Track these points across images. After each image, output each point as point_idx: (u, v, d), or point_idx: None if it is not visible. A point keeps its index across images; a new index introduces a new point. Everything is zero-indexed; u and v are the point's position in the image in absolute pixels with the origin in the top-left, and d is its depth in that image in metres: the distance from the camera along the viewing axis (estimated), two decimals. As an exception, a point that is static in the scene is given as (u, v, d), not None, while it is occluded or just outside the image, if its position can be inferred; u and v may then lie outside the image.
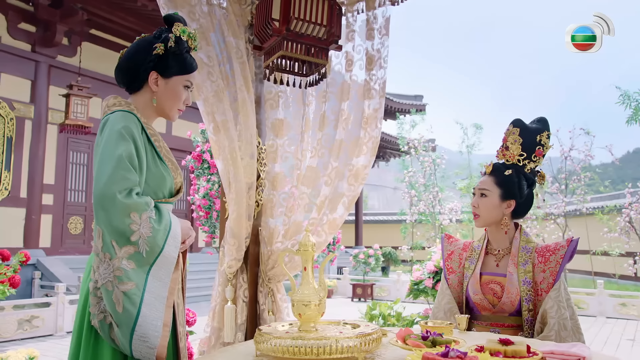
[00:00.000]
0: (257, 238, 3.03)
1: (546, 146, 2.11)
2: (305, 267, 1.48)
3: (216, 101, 2.70)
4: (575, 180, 12.69)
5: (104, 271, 1.53)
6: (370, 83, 2.96)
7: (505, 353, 1.23)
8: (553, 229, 13.06)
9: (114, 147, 1.60)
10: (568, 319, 1.90)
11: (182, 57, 1.85)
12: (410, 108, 17.21)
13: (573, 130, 12.38)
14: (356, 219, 23.05)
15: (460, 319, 1.79)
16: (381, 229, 25.82)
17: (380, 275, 17.09)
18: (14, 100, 9.42)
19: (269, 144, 3.01)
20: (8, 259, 6.30)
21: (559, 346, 1.43)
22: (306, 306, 1.43)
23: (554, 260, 2.00)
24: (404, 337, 1.38)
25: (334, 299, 12.43)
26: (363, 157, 2.91)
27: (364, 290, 11.97)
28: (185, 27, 1.86)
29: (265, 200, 3.00)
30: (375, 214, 28.95)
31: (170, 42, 1.79)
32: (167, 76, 1.83)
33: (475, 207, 2.13)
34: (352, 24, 3.10)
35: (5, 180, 9.22)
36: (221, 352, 1.57)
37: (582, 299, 10.34)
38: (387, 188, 49.33)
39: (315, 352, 1.28)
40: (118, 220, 1.53)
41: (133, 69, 1.82)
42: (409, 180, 14.44)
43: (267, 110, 3.02)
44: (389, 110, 17.43)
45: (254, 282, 3.01)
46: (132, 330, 1.50)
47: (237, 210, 2.81)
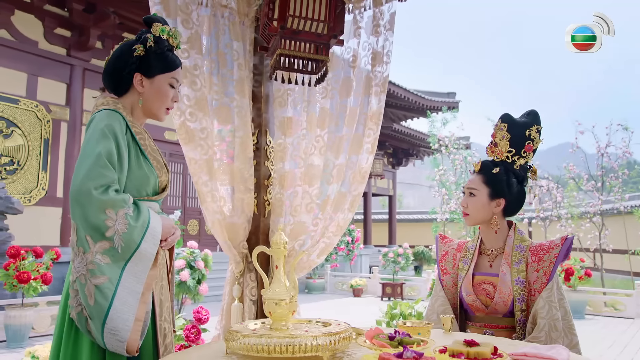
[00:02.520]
0: (267, 237, 3.05)
1: (536, 141, 2.04)
2: (277, 265, 1.48)
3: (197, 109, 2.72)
4: (613, 178, 12.24)
5: (78, 265, 1.58)
6: (373, 80, 2.95)
7: (468, 354, 1.20)
8: (589, 228, 12.63)
9: (94, 145, 1.65)
10: (559, 320, 1.84)
11: (163, 56, 1.87)
12: (442, 105, 16.98)
13: (610, 126, 11.94)
14: (389, 217, 22.91)
15: (444, 319, 1.76)
16: (415, 228, 25.60)
17: (412, 274, 16.94)
18: (50, 103, 9.73)
19: (277, 143, 3.03)
20: (41, 256, 6.54)
21: (537, 348, 1.40)
22: (277, 304, 1.43)
23: (547, 259, 1.94)
24: (372, 337, 1.37)
25: (363, 297, 12.39)
26: (365, 155, 2.89)
27: (393, 290, 11.88)
28: (164, 26, 1.88)
29: (274, 199, 3.02)
30: (409, 213, 28.72)
31: (149, 42, 1.82)
32: (150, 76, 1.85)
33: (465, 207, 2.09)
34: (359, 21, 3.09)
35: (42, 181, 9.54)
36: (195, 350, 1.59)
37: (619, 300, 9.98)
38: (422, 186, 48.90)
39: (279, 350, 1.29)
40: (93, 216, 1.57)
41: (117, 73, 1.85)
42: (440, 178, 14.25)
43: (276, 108, 3.04)
44: (420, 107, 17.23)
45: (263, 281, 3.03)
46: (103, 323, 1.54)
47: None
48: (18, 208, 7.12)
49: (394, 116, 18.60)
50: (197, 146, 2.73)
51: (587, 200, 13.37)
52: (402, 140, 21.69)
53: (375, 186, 21.41)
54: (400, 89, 16.02)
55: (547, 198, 13.20)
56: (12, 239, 7.09)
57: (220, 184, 2.88)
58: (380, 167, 18.98)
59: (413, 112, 18.00)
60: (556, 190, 12.99)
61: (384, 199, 26.25)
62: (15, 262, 6.08)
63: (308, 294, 13.04)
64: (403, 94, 16.22)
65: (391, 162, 23.36)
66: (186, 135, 2.70)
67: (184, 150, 2.73)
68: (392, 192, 23.11)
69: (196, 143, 2.73)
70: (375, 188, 21.39)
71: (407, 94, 16.38)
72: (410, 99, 16.61)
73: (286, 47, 2.63)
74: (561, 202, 13.22)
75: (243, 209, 2.91)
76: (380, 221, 25.39)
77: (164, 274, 1.85)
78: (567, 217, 12.62)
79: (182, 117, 2.69)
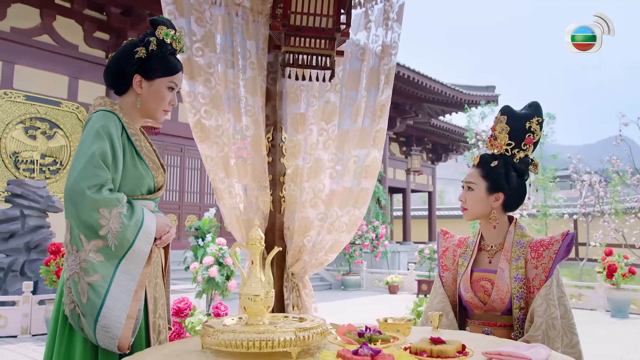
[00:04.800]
0: (283, 234, 3.06)
1: (537, 133, 1.96)
2: (253, 260, 1.48)
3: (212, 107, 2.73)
4: (661, 171, 11.69)
5: (71, 262, 1.62)
6: (381, 72, 2.91)
7: (431, 352, 1.17)
8: (633, 224, 12.10)
9: (88, 145, 1.68)
10: (558, 318, 1.77)
11: (165, 60, 1.88)
12: (480, 100, 16.62)
13: (658, 117, 11.38)
14: (429, 214, 22.64)
15: (432, 316, 1.72)
16: (456, 224, 25.16)
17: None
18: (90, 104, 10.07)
19: (289, 139, 3.03)
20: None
21: (517, 347, 1.35)
22: (251, 300, 1.43)
23: (547, 255, 1.87)
24: (344, 333, 1.35)
25: (399, 294, 12.28)
26: (371, 150, 2.86)
27: (429, 287, 11.70)
28: (169, 29, 1.88)
29: (287, 196, 3.03)
30: (449, 209, 28.28)
31: (152, 45, 1.83)
32: (150, 78, 1.87)
33: (463, 202, 2.04)
34: (370, 15, 3.05)
35: (84, 180, 9.91)
36: (175, 344, 1.61)
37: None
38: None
39: (246, 345, 1.29)
40: (86, 215, 1.60)
41: (118, 72, 1.88)
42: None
43: (289, 104, 3.04)
44: (458, 102, 16.93)
45: (280, 277, 3.04)
46: (96, 320, 1.57)
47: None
48: (59, 207, 7.39)
49: (432, 111, 18.33)
50: (212, 143, 2.75)
51: (633, 194, 12.81)
52: (441, 135, 21.38)
53: (414, 182, 21.18)
54: (437, 83, 15.78)
55: (589, 193, 12.74)
56: (53, 236, 7.37)
57: (237, 181, 2.89)
58: (418, 162, 18.76)
59: (451, 106, 17.69)
60: (599, 184, 12.51)
61: (425, 195, 25.91)
62: (55, 258, 6.31)
63: (344, 291, 13.02)
64: (440, 89, 15.96)
65: (430, 157, 23.07)
66: (201, 132, 2.72)
67: (200, 148, 2.75)
68: (432, 188, 22.82)
69: (212, 140, 2.75)
70: (414, 184, 21.16)
71: (444, 88, 16.11)
72: (448, 93, 16.33)
73: (290, 43, 2.63)
74: (604, 197, 12.73)
75: (259, 206, 2.92)
76: (421, 217, 25.10)
77: (158, 271, 1.88)
78: (610, 213, 12.14)
79: (197, 115, 2.71)
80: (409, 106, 16.91)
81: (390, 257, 14.97)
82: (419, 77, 15.07)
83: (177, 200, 12.35)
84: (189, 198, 12.64)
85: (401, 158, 20.40)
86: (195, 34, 2.72)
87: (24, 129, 9.26)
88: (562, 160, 14.48)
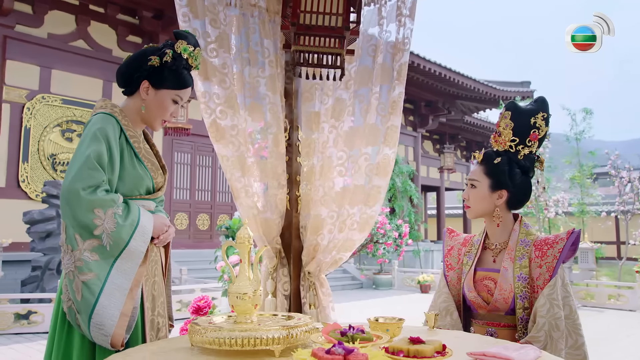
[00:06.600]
0: (299, 233, 3.07)
1: (542, 129, 1.89)
2: (242, 259, 1.49)
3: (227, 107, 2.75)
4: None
5: (67, 261, 1.67)
6: (393, 69, 2.88)
7: (407, 352, 1.15)
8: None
9: (85, 147, 1.73)
10: (562, 319, 1.71)
11: (177, 73, 1.90)
12: (515, 95, 16.28)
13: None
14: (464, 212, 22.30)
15: (428, 316, 1.69)
16: (492, 223, 24.76)
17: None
18: (124, 107, 10.35)
19: (305, 138, 3.03)
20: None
21: (506, 349, 1.31)
22: (239, 298, 1.44)
23: (551, 254, 1.81)
24: (328, 332, 1.34)
25: (430, 294, 12.15)
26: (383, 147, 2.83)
27: (462, 286, 11.55)
28: (188, 45, 1.90)
29: (302, 194, 3.03)
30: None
31: (167, 56, 1.85)
32: (157, 87, 1.90)
33: (466, 199, 1.99)
34: (383, 11, 3.03)
35: (118, 180, 10.18)
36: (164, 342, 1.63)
37: None
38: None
39: (229, 343, 1.30)
40: (81, 215, 1.64)
41: (128, 74, 1.92)
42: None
43: (304, 102, 3.04)
44: (492, 98, 16.61)
45: (297, 276, 3.05)
46: (90, 317, 1.61)
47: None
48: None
49: (465, 108, 18.06)
50: (228, 143, 2.77)
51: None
52: (475, 132, 21.03)
53: (449, 180, 20.90)
54: (469, 79, 15.53)
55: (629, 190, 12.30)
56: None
57: (254, 180, 2.91)
58: (451, 160, 18.51)
59: (485, 103, 17.39)
60: (638, 181, 12.06)
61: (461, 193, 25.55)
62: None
63: (375, 290, 12.97)
64: (473, 85, 15.70)
65: (465, 155, 22.71)
66: (217, 133, 2.75)
67: (216, 148, 2.77)
68: (467, 186, 22.46)
69: (227, 140, 2.77)
70: (448, 182, 20.89)
71: (476, 84, 15.85)
72: (481, 89, 16.06)
73: (300, 42, 2.64)
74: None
75: (276, 205, 2.93)
76: (456, 216, 24.76)
77: (157, 270, 1.91)
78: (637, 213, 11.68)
79: (212, 116, 2.74)
80: (441, 103, 16.70)
81: (424, 255, 14.81)
82: (451, 73, 14.88)
83: (210, 200, 12.53)
84: (221, 198, 12.81)
85: (434, 156, 20.16)
86: (210, 35, 2.75)
87: (60, 132, 9.57)
88: (601, 156, 14.04)
